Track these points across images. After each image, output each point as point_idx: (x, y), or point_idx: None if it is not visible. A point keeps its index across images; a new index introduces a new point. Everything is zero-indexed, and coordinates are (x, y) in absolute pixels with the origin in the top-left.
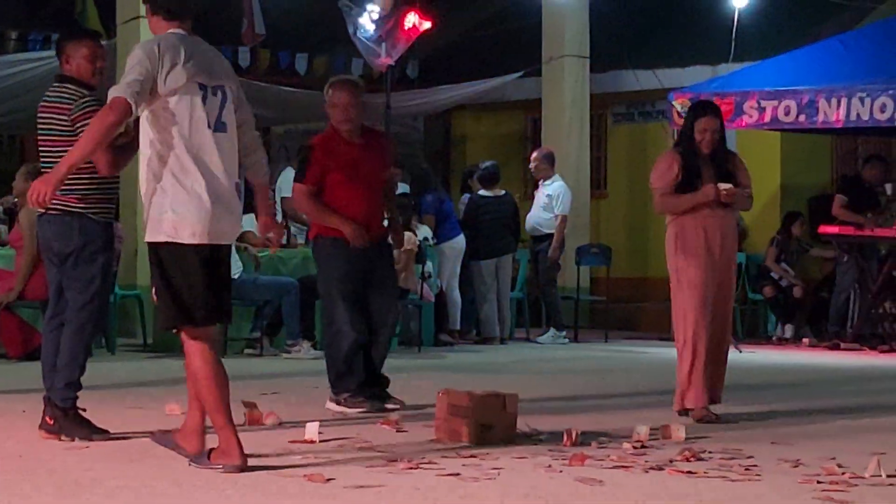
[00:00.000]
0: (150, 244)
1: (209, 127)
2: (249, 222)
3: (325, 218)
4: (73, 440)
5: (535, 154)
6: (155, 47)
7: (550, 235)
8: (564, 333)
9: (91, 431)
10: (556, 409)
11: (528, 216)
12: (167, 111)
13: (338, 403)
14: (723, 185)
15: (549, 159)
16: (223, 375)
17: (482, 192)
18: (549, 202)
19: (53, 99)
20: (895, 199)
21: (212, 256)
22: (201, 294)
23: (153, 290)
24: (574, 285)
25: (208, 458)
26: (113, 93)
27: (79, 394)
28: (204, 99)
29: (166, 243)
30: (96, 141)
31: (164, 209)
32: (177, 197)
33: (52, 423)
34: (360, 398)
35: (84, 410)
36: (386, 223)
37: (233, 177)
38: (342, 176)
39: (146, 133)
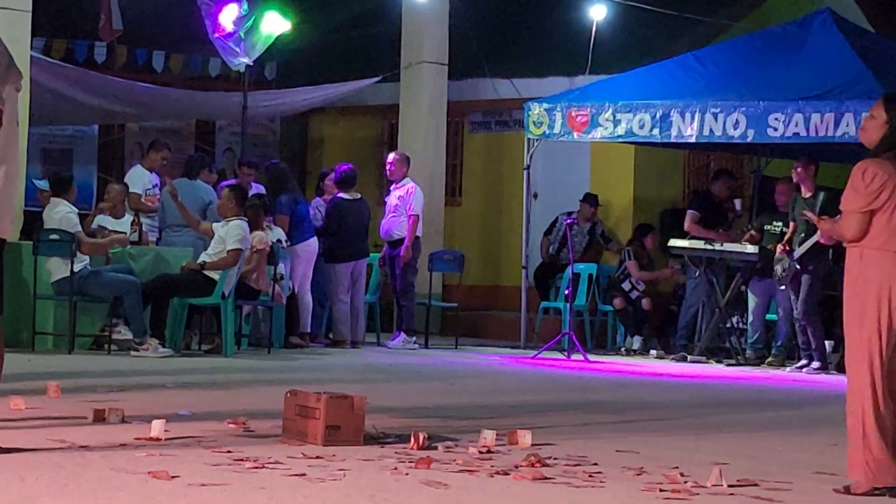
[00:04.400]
0: None
1: (17, 124)
2: (103, 218)
3: None
4: None
5: (392, 155)
6: None
7: (404, 240)
8: (415, 339)
9: None
10: (405, 412)
11: (382, 221)
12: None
13: None
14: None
15: (406, 161)
16: None
17: (342, 195)
18: (401, 204)
19: None
20: (743, 215)
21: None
22: None
23: None
24: (426, 291)
25: None
26: None
27: None
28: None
29: None
30: None
31: None
32: (4, 189)
33: None
34: None
35: None
36: None
37: None
38: None
39: None
